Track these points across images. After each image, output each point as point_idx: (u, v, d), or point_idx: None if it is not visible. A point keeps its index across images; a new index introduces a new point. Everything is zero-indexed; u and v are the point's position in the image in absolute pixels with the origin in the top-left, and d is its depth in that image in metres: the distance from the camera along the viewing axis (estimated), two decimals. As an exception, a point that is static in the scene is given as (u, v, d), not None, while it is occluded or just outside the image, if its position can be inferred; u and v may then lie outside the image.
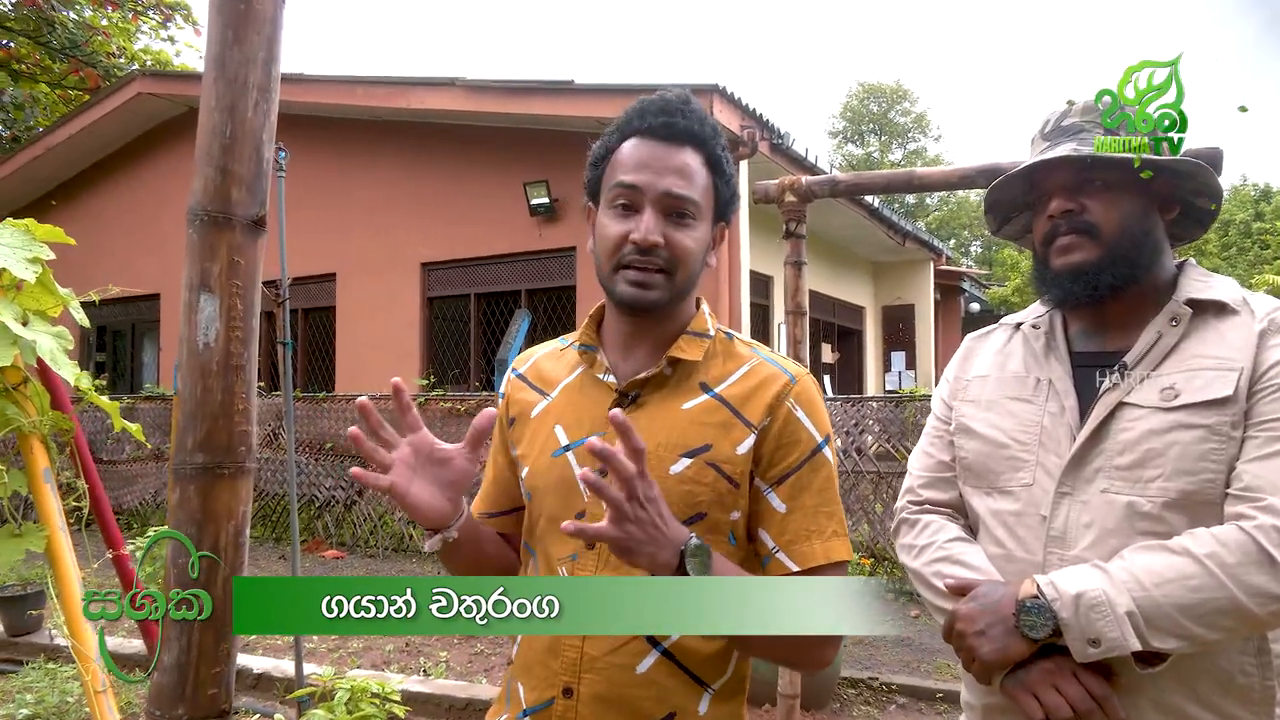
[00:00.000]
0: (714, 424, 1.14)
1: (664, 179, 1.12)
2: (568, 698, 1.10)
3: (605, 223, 1.15)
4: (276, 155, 3.41)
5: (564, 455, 1.16)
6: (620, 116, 1.20)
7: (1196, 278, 1.30)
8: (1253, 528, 1.09)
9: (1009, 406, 1.35)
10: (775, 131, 8.31)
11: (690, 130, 1.15)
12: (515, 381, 1.30)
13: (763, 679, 4.04)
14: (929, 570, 1.34)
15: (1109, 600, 1.10)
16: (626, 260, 1.12)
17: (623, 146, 1.17)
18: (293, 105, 9.98)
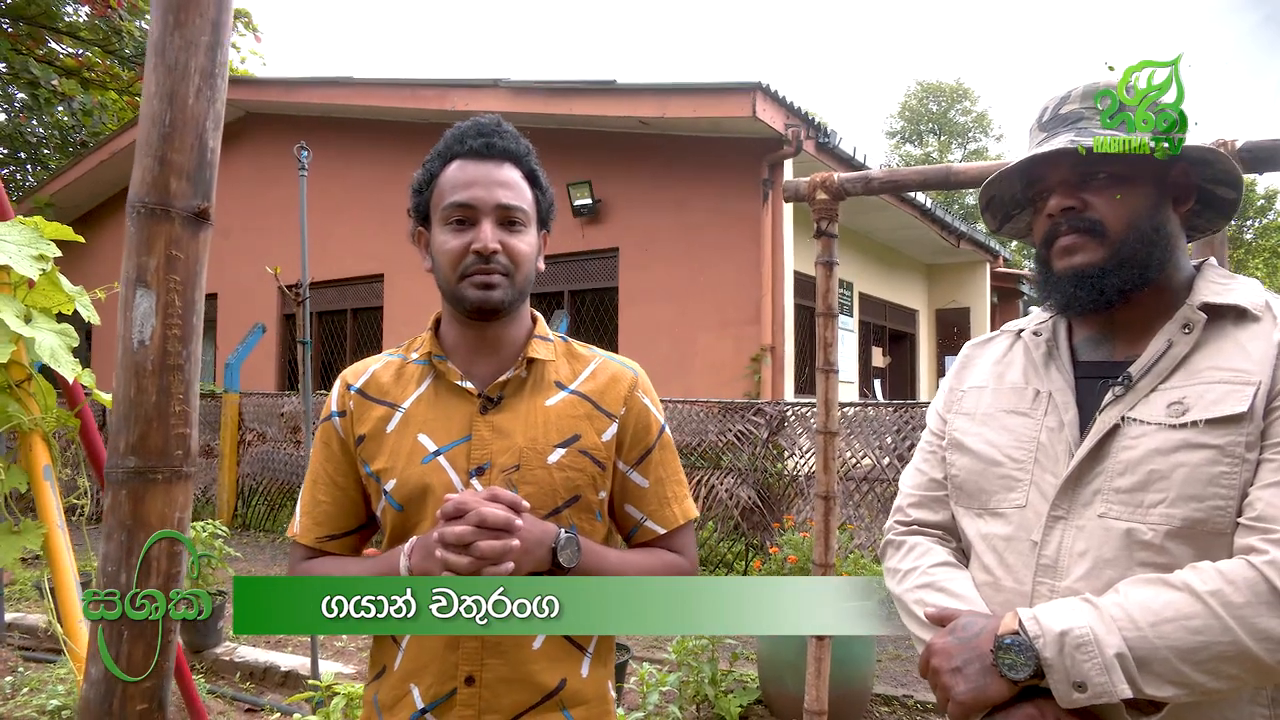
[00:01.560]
0: (579, 416, 1.28)
1: (494, 193, 1.24)
2: (470, 685, 1.19)
3: (444, 239, 1.25)
4: (298, 154, 3.40)
5: (435, 460, 1.23)
6: (439, 144, 1.30)
7: (1215, 279, 1.16)
8: (1264, 563, 0.96)
9: (1005, 420, 1.23)
10: (821, 130, 8.14)
11: (508, 149, 1.28)
12: (356, 397, 1.30)
13: (789, 694, 3.92)
14: (911, 597, 1.22)
15: (1097, 640, 0.97)
16: (470, 269, 1.23)
17: (447, 170, 1.27)
18: (342, 108, 10.14)
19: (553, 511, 1.24)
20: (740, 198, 8.15)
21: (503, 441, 1.24)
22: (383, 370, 1.33)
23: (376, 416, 1.28)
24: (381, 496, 1.25)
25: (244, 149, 11.65)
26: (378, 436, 1.27)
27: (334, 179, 10.53)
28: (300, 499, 1.33)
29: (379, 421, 1.28)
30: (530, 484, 1.23)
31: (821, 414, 2.70)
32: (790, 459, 6.35)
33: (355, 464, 1.29)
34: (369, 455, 1.27)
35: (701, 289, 8.32)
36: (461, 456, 1.23)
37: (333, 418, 1.31)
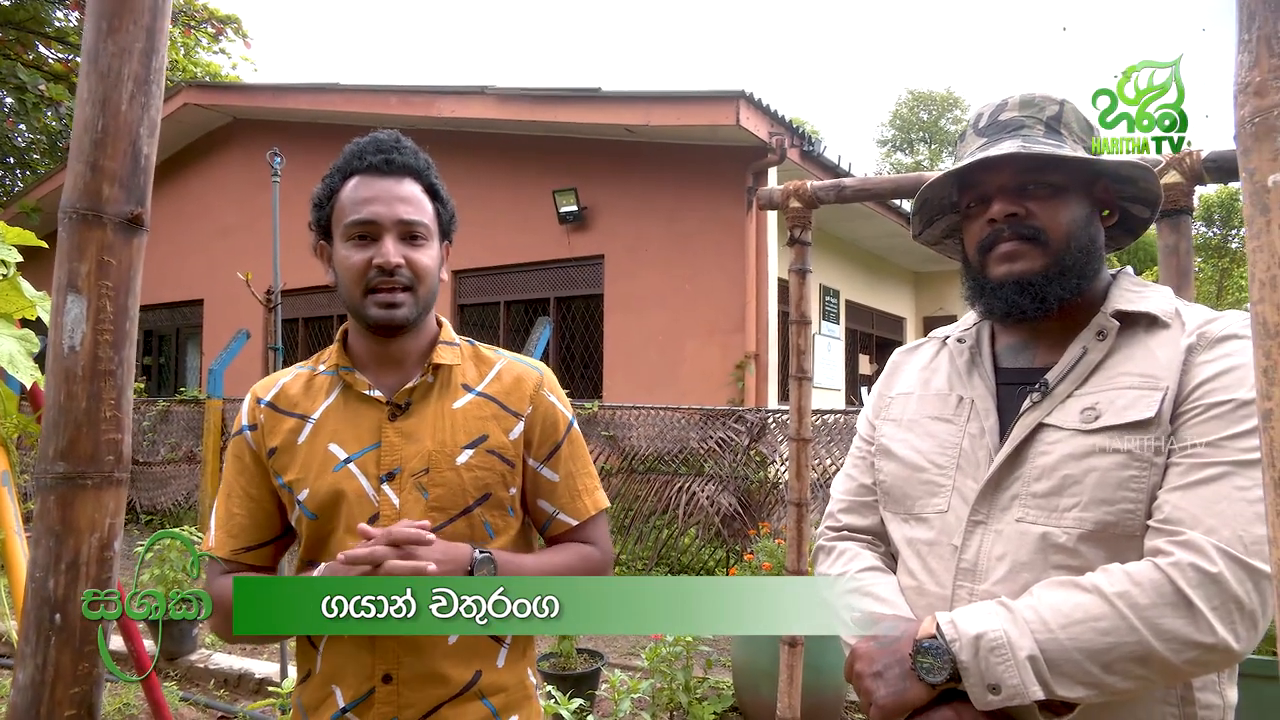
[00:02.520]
0: (485, 417, 1.31)
1: (394, 208, 1.26)
2: (387, 683, 1.22)
3: (346, 254, 1.26)
4: (271, 160, 3.40)
5: (345, 468, 1.25)
6: (338, 160, 1.32)
7: (1129, 288, 1.18)
8: (1169, 565, 0.97)
9: (929, 427, 1.24)
10: (806, 138, 8.17)
11: (407, 164, 1.30)
12: (267, 410, 1.32)
13: (764, 701, 3.91)
14: (839, 602, 1.21)
15: (1010, 643, 0.98)
16: (373, 284, 1.25)
17: (346, 185, 1.29)
18: (330, 114, 10.14)
19: (464, 511, 1.27)
20: (725, 205, 8.17)
21: (412, 446, 1.27)
22: (292, 383, 1.35)
23: (287, 429, 1.30)
24: (295, 506, 1.27)
25: (233, 155, 11.64)
26: (289, 448, 1.28)
27: (320, 184, 10.52)
28: (215, 513, 1.33)
29: (290, 433, 1.29)
30: (440, 486, 1.26)
31: (794, 421, 2.70)
32: (771, 466, 6.36)
33: (268, 476, 1.30)
34: (281, 467, 1.28)
35: (688, 296, 8.33)
36: (371, 463, 1.26)
37: (244, 431, 1.32)
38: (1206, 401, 1.03)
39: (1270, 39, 0.55)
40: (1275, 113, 0.55)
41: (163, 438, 9.12)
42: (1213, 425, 1.02)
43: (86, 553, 1.19)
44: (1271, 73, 0.55)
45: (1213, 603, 0.94)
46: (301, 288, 10.49)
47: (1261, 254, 0.55)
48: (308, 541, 1.28)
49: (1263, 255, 0.55)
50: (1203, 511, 0.98)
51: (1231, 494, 0.98)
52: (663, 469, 6.70)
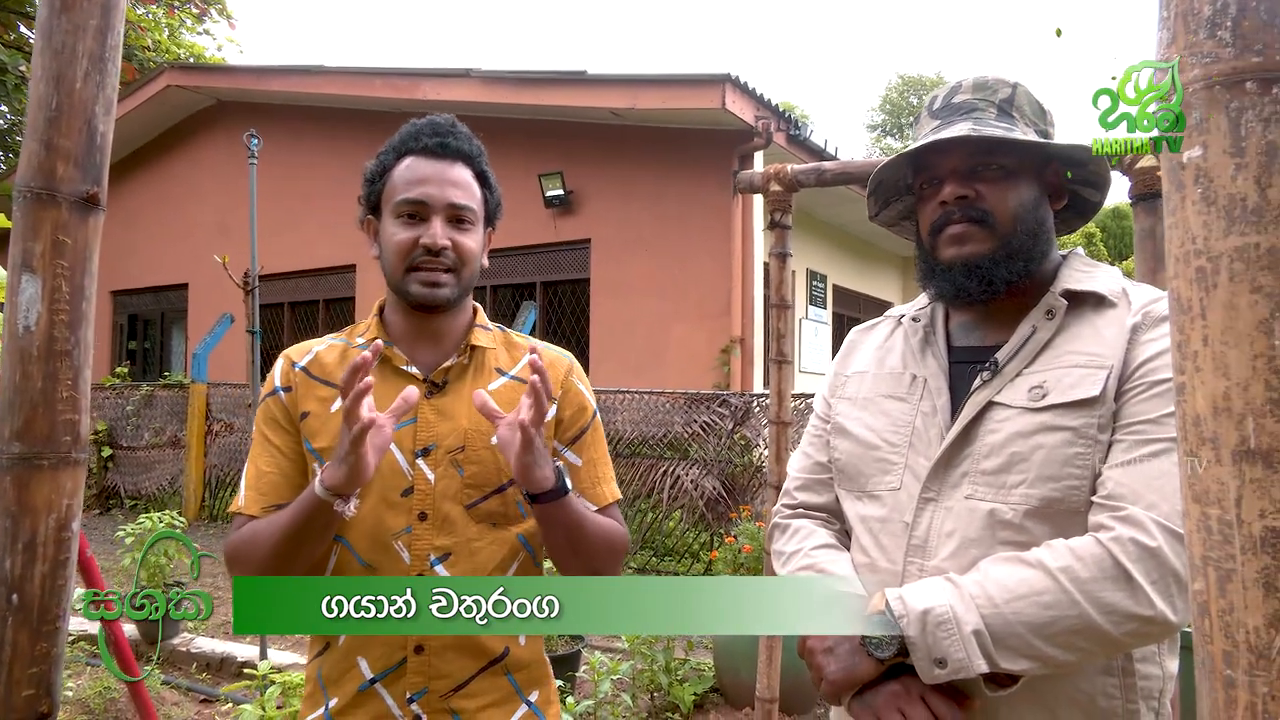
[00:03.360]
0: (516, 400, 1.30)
1: (445, 191, 1.29)
2: (419, 654, 1.24)
3: (394, 231, 1.29)
4: (247, 141, 3.38)
5: None
6: (394, 138, 1.35)
7: (1079, 268, 1.20)
8: (1109, 540, 0.99)
9: (883, 405, 1.26)
10: (792, 122, 8.15)
11: (461, 149, 1.33)
12: (301, 376, 1.32)
13: (744, 683, 3.95)
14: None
15: (956, 617, 1.00)
16: (417, 263, 1.27)
17: (401, 164, 1.32)
18: (314, 96, 10.07)
19: (498, 489, 1.29)
20: (712, 189, 8.15)
21: (447, 424, 1.29)
22: (326, 352, 1.35)
23: (320, 396, 1.30)
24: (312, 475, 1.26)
25: (217, 137, 11.55)
26: (321, 415, 1.29)
27: (307, 168, 10.45)
28: (245, 476, 1.32)
29: (322, 402, 1.30)
30: (475, 464, 1.28)
31: (774, 404, 2.72)
32: (756, 450, 6.38)
33: (299, 438, 1.30)
34: (311, 433, 1.29)
35: (675, 280, 8.33)
36: (407, 438, 1.27)
37: (277, 393, 1.33)
38: (1149, 379, 1.05)
39: (1187, 15, 0.55)
40: (1190, 89, 0.55)
41: (146, 422, 9.09)
42: (1154, 403, 1.04)
43: (44, 533, 1.18)
44: (1188, 49, 0.55)
45: (1151, 576, 0.96)
46: (286, 272, 10.44)
47: (1176, 230, 0.56)
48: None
49: (1178, 232, 0.56)
50: (1143, 487, 1.00)
51: (1171, 470, 0.99)
52: (648, 453, 6.72)
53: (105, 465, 9.18)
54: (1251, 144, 0.52)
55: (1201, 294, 0.54)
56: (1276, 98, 0.51)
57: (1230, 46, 0.53)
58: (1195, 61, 0.55)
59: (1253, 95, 0.52)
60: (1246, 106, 0.52)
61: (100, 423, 9.21)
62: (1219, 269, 0.53)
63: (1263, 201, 0.52)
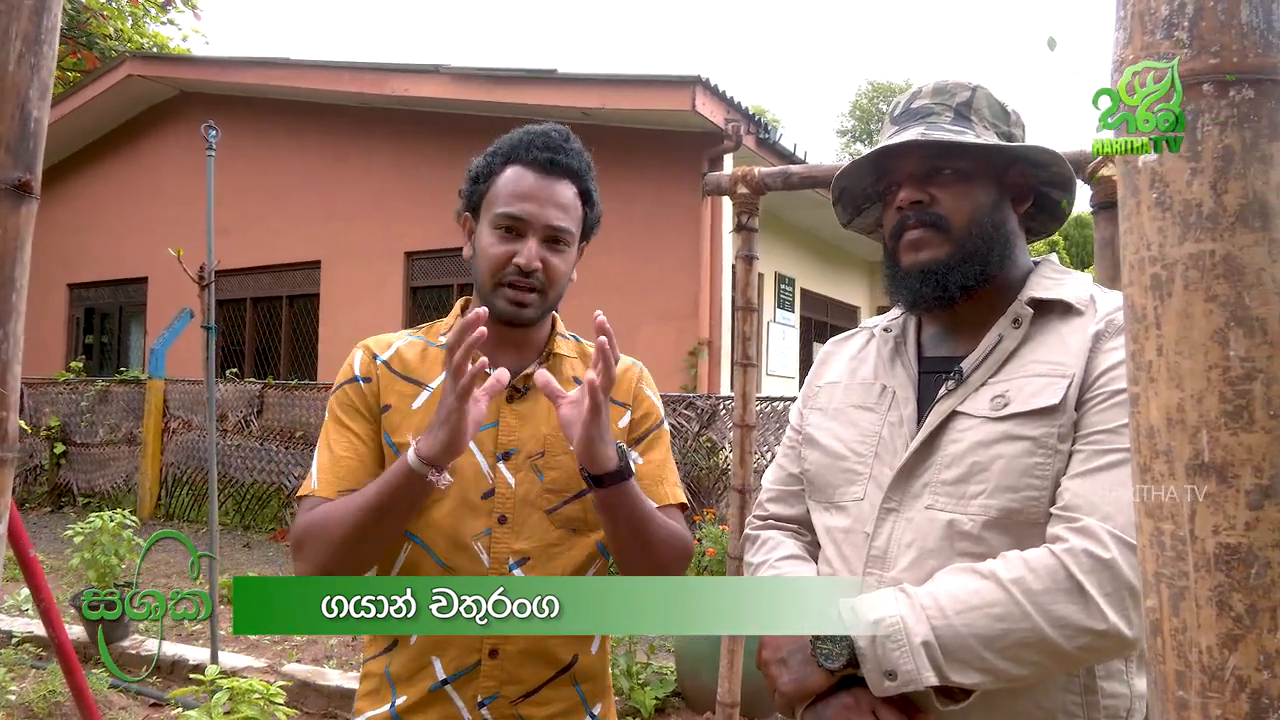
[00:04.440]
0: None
1: (546, 211, 1.28)
2: (493, 658, 1.24)
3: (491, 242, 1.29)
4: (205, 133, 3.30)
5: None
6: (504, 141, 1.33)
7: (1048, 275, 1.19)
8: (1063, 551, 0.97)
9: (852, 416, 1.24)
10: (762, 125, 8.17)
11: (570, 166, 1.31)
12: (383, 369, 1.32)
13: (705, 686, 3.92)
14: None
15: (906, 629, 0.98)
16: (508, 279, 1.27)
17: (507, 171, 1.30)
18: (280, 89, 9.91)
19: (578, 494, 1.30)
20: (681, 191, 8.14)
21: (528, 429, 1.30)
22: (407, 348, 1.35)
23: (402, 392, 1.31)
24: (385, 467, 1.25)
25: (180, 129, 11.33)
26: (403, 410, 1.29)
27: (272, 162, 10.29)
28: (317, 460, 1.29)
29: (405, 397, 1.30)
30: (555, 469, 1.29)
31: (739, 407, 2.70)
32: (722, 452, 6.38)
33: (379, 428, 1.30)
34: (392, 427, 1.29)
35: (644, 282, 8.31)
36: (489, 441, 1.28)
37: (357, 381, 1.31)
38: (1109, 389, 1.04)
39: (1143, 15, 0.54)
40: (1147, 91, 0.54)
41: (101, 418, 8.89)
42: (1114, 413, 1.02)
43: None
44: (1144, 50, 0.54)
45: (1105, 589, 0.94)
46: (249, 267, 10.28)
47: (1132, 235, 0.54)
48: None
49: (1133, 237, 0.54)
50: (1100, 498, 0.98)
51: (1128, 481, 0.97)
52: (613, 454, 6.68)
53: (58, 462, 8.96)
54: (1208, 148, 0.51)
55: (1156, 302, 0.52)
56: (1233, 100, 0.50)
57: (1187, 47, 0.51)
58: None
59: (1209, 98, 0.51)
60: (1203, 109, 0.51)
61: (53, 418, 8.98)
62: (1173, 276, 0.51)
63: (1218, 207, 0.50)
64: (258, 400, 8.14)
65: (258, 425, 8.04)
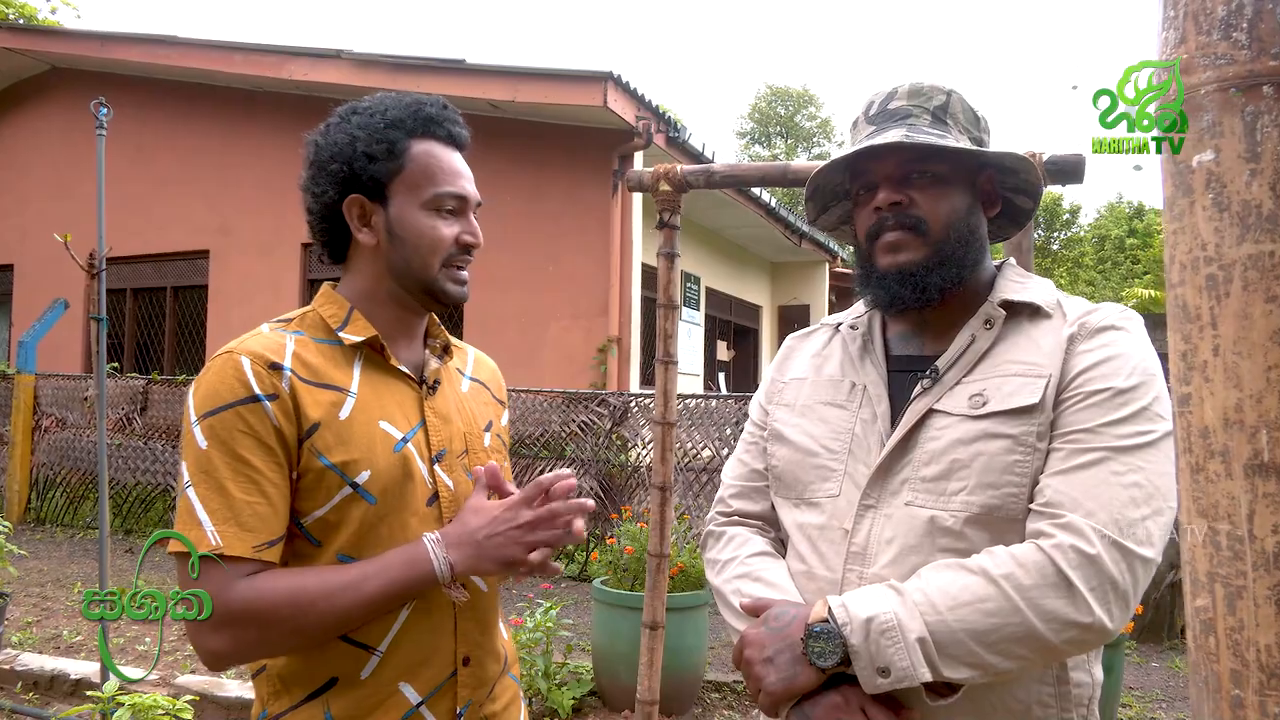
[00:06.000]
0: (486, 403, 1.36)
1: (471, 186, 1.26)
2: (467, 666, 1.21)
3: (431, 224, 1.21)
4: (95, 110, 3.07)
5: (405, 448, 1.18)
6: (397, 113, 1.22)
7: (1013, 278, 1.21)
8: (1050, 546, 0.99)
9: (822, 412, 1.24)
10: (672, 124, 8.21)
11: (467, 137, 1.28)
12: (295, 380, 1.12)
13: (623, 685, 3.91)
14: (728, 588, 1.21)
15: (900, 625, 0.98)
16: (454, 260, 1.22)
17: (419, 148, 1.22)
18: (167, 69, 9.38)
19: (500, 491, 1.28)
20: (590, 188, 8.10)
21: (449, 427, 1.25)
22: (303, 349, 1.16)
23: (328, 401, 1.14)
24: (341, 490, 1.12)
25: (52, 107, 10.58)
26: (332, 424, 1.13)
27: (159, 146, 9.72)
28: (203, 506, 1.06)
29: (330, 407, 1.14)
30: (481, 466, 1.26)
31: (660, 405, 2.69)
32: (633, 450, 6.37)
33: (289, 457, 1.11)
34: (325, 446, 1.11)
35: (552, 278, 8.23)
36: (422, 444, 1.21)
37: (260, 401, 1.09)
38: (1086, 389, 1.06)
39: (1198, 15, 0.54)
40: (1202, 91, 0.54)
41: (-40, 416, 8.21)
42: (1091, 412, 1.04)
43: None
44: (1199, 50, 0.54)
45: (1090, 583, 0.96)
46: (128, 256, 9.68)
47: (1183, 235, 0.54)
48: (356, 529, 1.13)
49: (1184, 237, 0.54)
50: (1082, 495, 1.00)
51: (1109, 479, 1.00)
52: (524, 452, 6.59)
53: (-89, 463, 8.23)
54: (1268, 149, 0.51)
55: (1212, 302, 0.52)
56: (1298, 103, 0.50)
57: (1246, 49, 0.52)
58: (1207, 63, 0.53)
59: (1269, 100, 0.51)
60: (1263, 111, 0.51)
61: (-95, 416, 8.25)
62: (1231, 277, 0.52)
63: (1278, 209, 0.50)
64: (141, 397, 7.68)
65: (141, 423, 7.58)
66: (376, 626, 1.13)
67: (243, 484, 1.07)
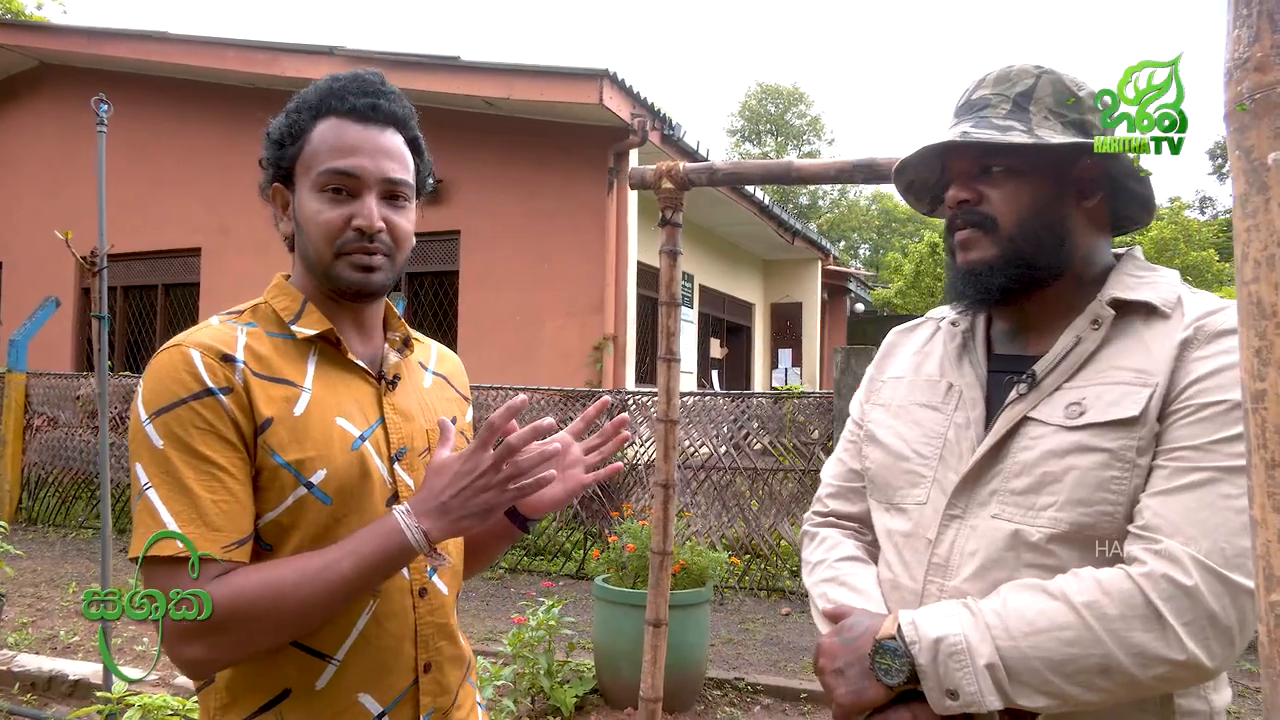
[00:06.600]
0: (449, 399, 1.29)
1: (379, 163, 1.12)
2: (428, 672, 1.15)
3: (318, 208, 1.11)
4: (96, 107, 3.05)
5: (362, 446, 1.12)
6: (308, 93, 1.14)
7: (1131, 272, 1.11)
8: (1141, 575, 0.92)
9: (916, 414, 1.19)
10: (667, 121, 8.21)
11: (394, 112, 1.15)
12: (247, 374, 1.06)
13: (625, 682, 3.92)
14: (816, 591, 1.19)
15: (970, 649, 0.94)
16: (349, 246, 1.11)
17: (320, 125, 1.12)
18: (159, 66, 9.32)
19: None
20: (586, 185, 8.10)
21: (410, 424, 1.18)
22: (255, 342, 1.10)
23: (280, 397, 1.08)
24: (296, 490, 1.06)
25: (41, 104, 10.50)
26: (286, 421, 1.07)
27: (151, 143, 9.66)
28: (166, 507, 1.00)
29: (284, 403, 1.08)
30: None
31: (662, 402, 2.69)
32: (630, 448, 6.37)
33: (249, 452, 1.06)
34: (279, 444, 1.06)
35: (547, 276, 8.22)
36: (381, 442, 1.14)
37: (214, 395, 1.03)
38: (1197, 401, 0.98)
39: (1273, 14, 0.54)
40: (1278, 89, 0.54)
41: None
42: (1202, 427, 0.96)
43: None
44: (1274, 48, 0.54)
45: (1185, 617, 0.90)
46: (120, 253, 9.61)
47: (1258, 232, 0.55)
48: (312, 533, 1.07)
49: (1259, 234, 0.55)
50: (1183, 520, 0.93)
51: (1216, 502, 0.93)
52: (520, 451, 6.58)
53: (-100, 463, 8.15)
54: (1346, 147, 0.51)
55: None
56: (1383, 101, 0.51)
57: (1323, 47, 0.52)
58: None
59: (1349, 98, 0.51)
60: (1343, 109, 0.51)
61: (-106, 416, 8.17)
62: (1309, 273, 0.52)
63: (1357, 206, 0.51)
64: (133, 395, 7.62)
65: (134, 422, 7.53)
66: (332, 633, 1.07)
67: (206, 481, 1.02)
